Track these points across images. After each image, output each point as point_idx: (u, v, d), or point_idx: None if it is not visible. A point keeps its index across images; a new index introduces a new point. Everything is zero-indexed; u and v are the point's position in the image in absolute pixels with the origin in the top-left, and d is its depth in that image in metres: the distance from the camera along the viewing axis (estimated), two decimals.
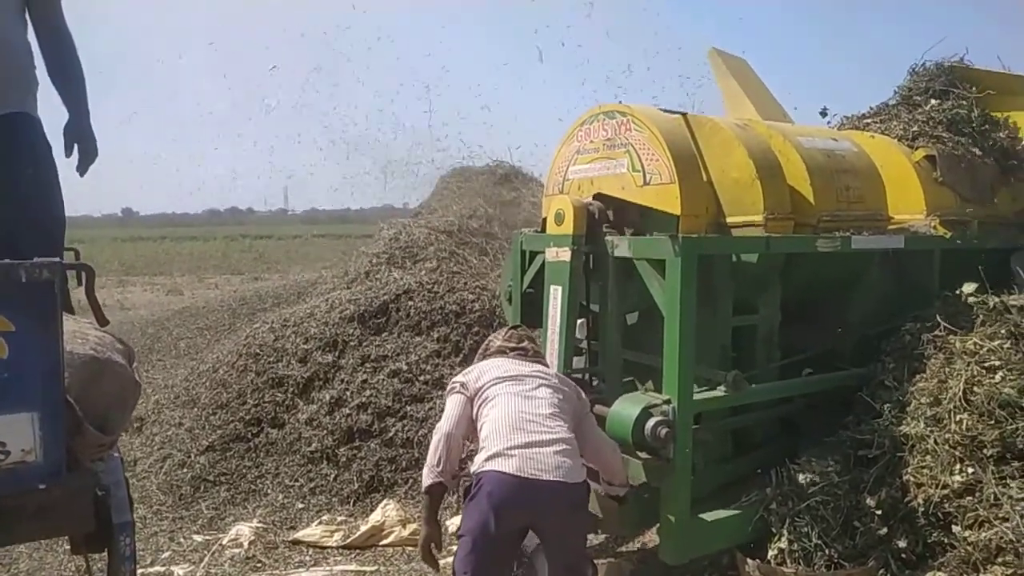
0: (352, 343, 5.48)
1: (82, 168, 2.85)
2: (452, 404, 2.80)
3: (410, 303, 5.68)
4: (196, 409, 5.55)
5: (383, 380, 5.18)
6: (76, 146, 2.82)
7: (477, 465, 2.56)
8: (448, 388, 2.90)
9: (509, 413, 2.63)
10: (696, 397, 3.17)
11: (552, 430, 2.61)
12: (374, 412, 5.02)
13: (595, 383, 3.75)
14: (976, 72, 4.61)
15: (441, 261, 6.22)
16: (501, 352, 2.97)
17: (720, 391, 3.25)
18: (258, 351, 5.73)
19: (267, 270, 20.02)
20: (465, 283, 5.92)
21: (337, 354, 5.45)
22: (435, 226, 6.92)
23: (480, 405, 2.73)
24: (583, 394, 2.97)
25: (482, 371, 2.83)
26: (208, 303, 10.28)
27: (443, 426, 2.73)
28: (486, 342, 3.13)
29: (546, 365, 3.08)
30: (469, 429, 2.76)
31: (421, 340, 5.45)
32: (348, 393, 5.17)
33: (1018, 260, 3.93)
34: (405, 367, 5.22)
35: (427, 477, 2.68)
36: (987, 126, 4.43)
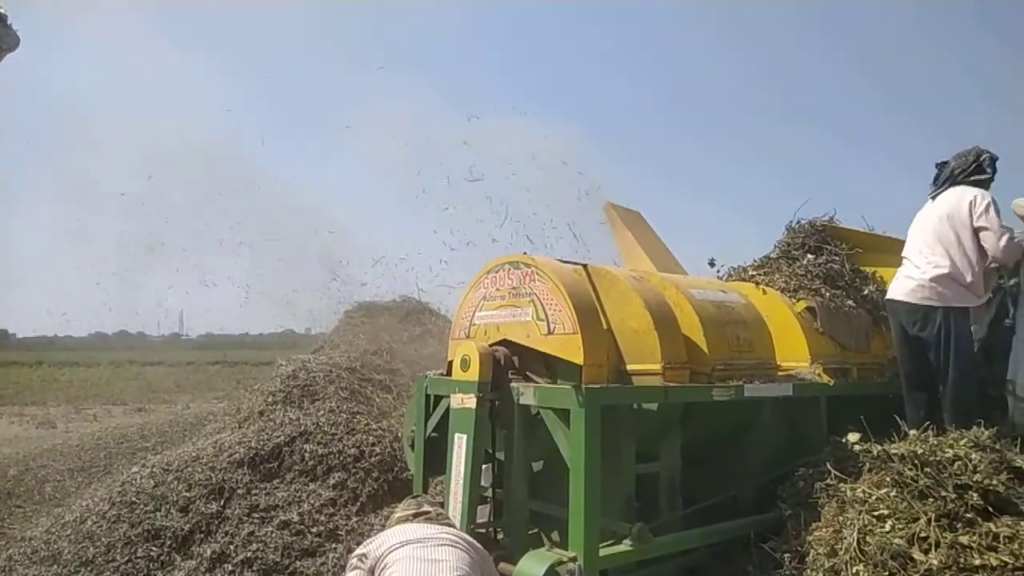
0: (240, 491, 5.12)
1: None
2: None
3: (306, 446, 5.42)
4: (56, 567, 4.98)
5: (272, 532, 4.83)
6: None
7: None
8: (348, 564, 2.74)
9: None
10: (602, 553, 3.10)
11: None
12: (260, 568, 4.64)
13: (500, 537, 3.61)
14: (845, 231, 5.08)
15: (341, 400, 6.01)
16: (404, 521, 2.85)
17: (626, 545, 3.20)
18: (134, 499, 5.26)
19: (154, 400, 18.76)
20: (366, 424, 5.72)
21: (223, 503, 5.07)
22: (336, 362, 6.74)
23: (380, 573, 2.57)
24: (490, 558, 2.86)
25: (384, 539, 2.69)
26: (83, 440, 9.47)
27: None
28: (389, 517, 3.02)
29: (453, 526, 2.97)
30: None
31: (316, 487, 5.16)
32: (232, 547, 4.77)
33: None
34: (297, 518, 4.90)
35: None
36: (858, 280, 4.85)
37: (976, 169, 4.00)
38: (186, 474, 5.34)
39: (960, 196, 3.91)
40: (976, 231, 3.84)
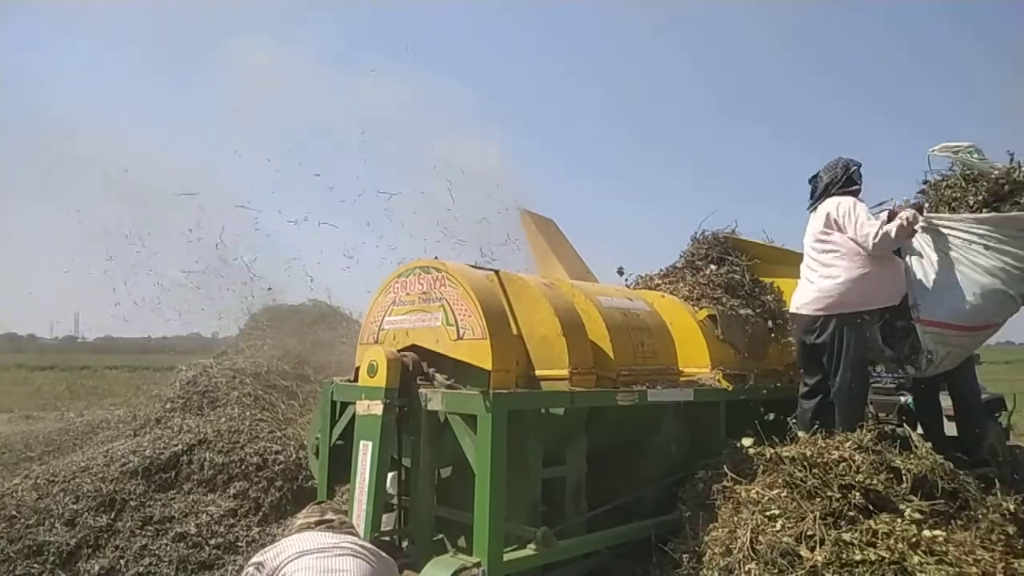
0: (133, 502, 4.86)
1: None
2: None
3: (205, 455, 5.19)
4: None
5: (167, 545, 4.60)
6: None
7: None
8: (244, 573, 2.63)
9: None
10: (506, 558, 3.11)
11: None
12: None
13: (405, 545, 3.57)
14: (746, 243, 5.30)
15: (244, 407, 5.80)
16: (305, 529, 2.76)
17: (530, 549, 3.22)
18: (15, 512, 4.92)
19: (43, 408, 17.53)
20: (270, 431, 5.54)
21: (113, 515, 4.80)
22: (240, 367, 6.50)
23: None
24: (394, 566, 2.81)
25: (283, 548, 2.59)
26: None
27: None
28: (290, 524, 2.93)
29: (357, 535, 2.89)
30: None
31: (215, 498, 4.95)
32: (123, 562, 4.53)
33: None
34: (194, 529, 4.68)
35: None
36: (757, 290, 5.07)
37: (847, 181, 4.22)
38: (73, 485, 5.03)
39: (828, 207, 4.12)
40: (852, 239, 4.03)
